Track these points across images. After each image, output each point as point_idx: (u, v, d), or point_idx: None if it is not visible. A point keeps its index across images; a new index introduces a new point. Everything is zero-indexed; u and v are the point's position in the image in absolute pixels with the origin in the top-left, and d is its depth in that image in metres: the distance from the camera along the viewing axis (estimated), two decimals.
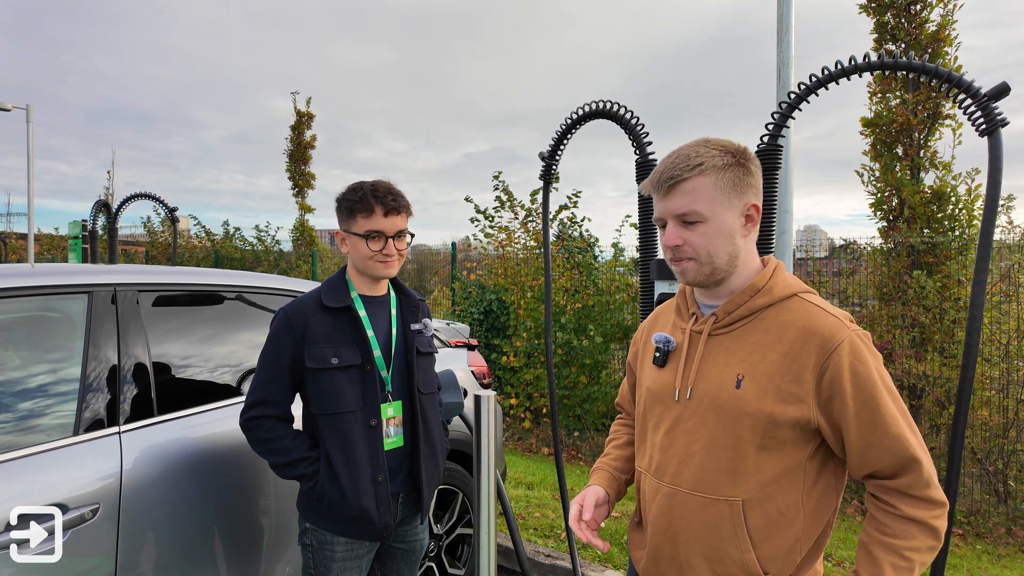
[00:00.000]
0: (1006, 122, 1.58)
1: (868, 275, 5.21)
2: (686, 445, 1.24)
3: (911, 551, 1.12)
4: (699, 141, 1.23)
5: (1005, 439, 4.46)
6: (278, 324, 1.83)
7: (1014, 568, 3.73)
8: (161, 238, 13.45)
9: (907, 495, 1.14)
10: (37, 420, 1.72)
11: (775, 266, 1.26)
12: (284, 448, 1.78)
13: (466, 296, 7.55)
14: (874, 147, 4.99)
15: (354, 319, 1.85)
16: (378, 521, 1.80)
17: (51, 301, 1.87)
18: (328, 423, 1.79)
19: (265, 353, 1.82)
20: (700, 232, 1.19)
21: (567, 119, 2.48)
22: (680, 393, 1.26)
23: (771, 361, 1.17)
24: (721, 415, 1.20)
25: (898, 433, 1.12)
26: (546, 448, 6.15)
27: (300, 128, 12.86)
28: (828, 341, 1.14)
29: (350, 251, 1.87)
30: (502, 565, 3.46)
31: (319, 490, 1.79)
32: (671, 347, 1.31)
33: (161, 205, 5.45)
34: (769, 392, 1.16)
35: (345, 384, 1.79)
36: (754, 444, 1.17)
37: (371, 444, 1.81)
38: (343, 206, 1.86)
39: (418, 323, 1.97)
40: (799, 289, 1.23)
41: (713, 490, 1.20)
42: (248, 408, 1.80)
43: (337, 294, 1.86)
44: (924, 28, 4.75)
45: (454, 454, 2.87)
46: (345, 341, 1.82)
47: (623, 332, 6.17)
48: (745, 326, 1.22)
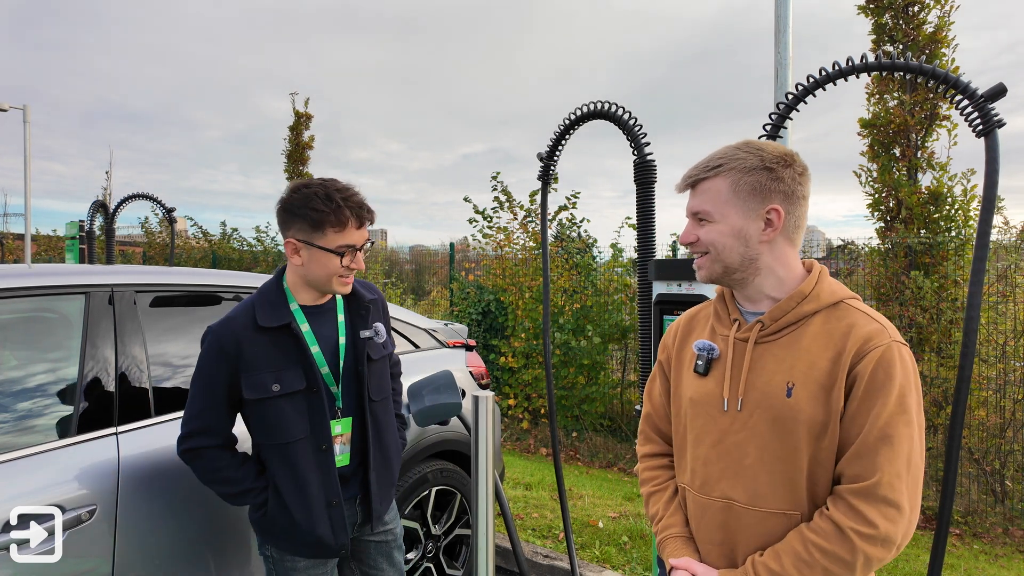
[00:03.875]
0: (1002, 123, 1.58)
1: (866, 275, 5.22)
2: (738, 458, 1.20)
3: (816, 549, 1.08)
4: (738, 143, 1.24)
5: (1002, 439, 4.47)
6: (208, 348, 1.65)
7: (1011, 568, 3.73)
8: (158, 239, 13.41)
9: (843, 499, 1.09)
10: (34, 420, 1.72)
11: (820, 271, 1.24)
12: (229, 479, 1.66)
13: (464, 296, 7.55)
14: (871, 148, 5.00)
15: (295, 337, 1.66)
16: (335, 543, 1.71)
17: (48, 302, 1.87)
18: (274, 452, 1.67)
19: (198, 378, 1.65)
20: (708, 230, 1.22)
21: (565, 120, 2.48)
22: (729, 403, 1.22)
23: (821, 369, 1.14)
24: (775, 426, 1.16)
25: (887, 434, 1.07)
26: (544, 449, 6.15)
27: (298, 129, 12.84)
28: (867, 342, 1.12)
29: (307, 264, 1.66)
30: (500, 566, 3.46)
31: (269, 518, 1.70)
32: (715, 355, 1.27)
33: (158, 206, 5.43)
34: (820, 400, 1.12)
35: (290, 412, 1.64)
36: (808, 454, 1.14)
37: (323, 468, 1.68)
38: (304, 216, 1.62)
39: (368, 329, 1.80)
40: (845, 295, 1.21)
41: (769, 503, 1.16)
42: (184, 438, 1.65)
43: (274, 310, 1.66)
44: (922, 29, 4.76)
45: (452, 455, 2.87)
46: (287, 363, 1.64)
47: (621, 332, 6.18)
48: (793, 333, 1.19)
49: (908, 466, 1.08)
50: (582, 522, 3.93)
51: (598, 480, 5.17)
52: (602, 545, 3.60)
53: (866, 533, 1.06)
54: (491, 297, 7.09)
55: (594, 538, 3.68)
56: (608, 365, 6.43)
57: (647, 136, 2.32)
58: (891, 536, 1.06)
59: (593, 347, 6.03)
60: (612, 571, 3.30)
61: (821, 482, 1.15)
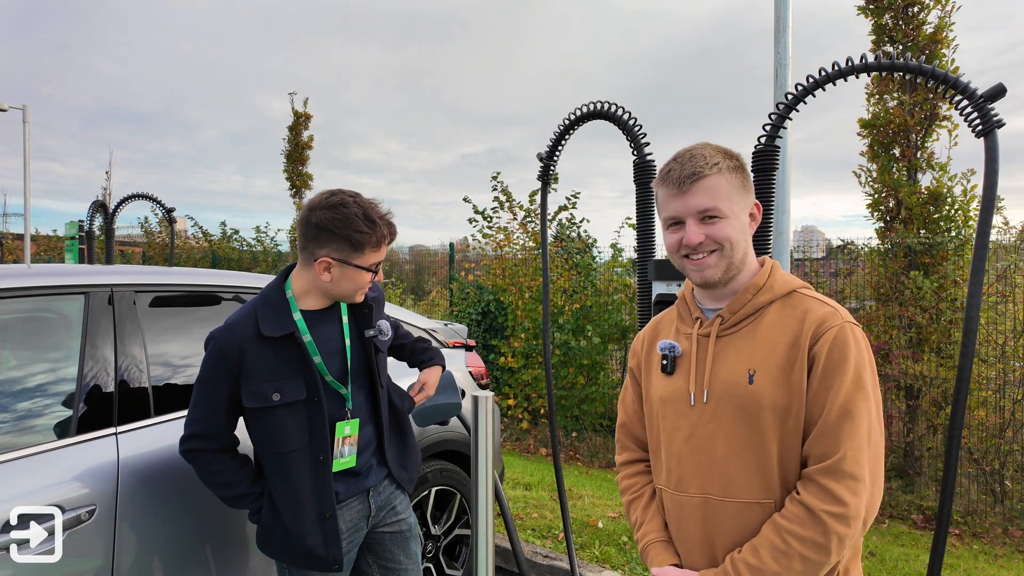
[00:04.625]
0: (1002, 123, 1.58)
1: (865, 276, 5.22)
2: (710, 451, 1.22)
3: (791, 536, 1.10)
4: (703, 143, 1.28)
5: (1001, 439, 4.47)
6: (211, 356, 1.65)
7: (1011, 568, 3.73)
8: (158, 239, 13.41)
9: (813, 481, 1.11)
10: (34, 420, 1.72)
11: (772, 265, 1.30)
12: (226, 481, 1.70)
13: (464, 297, 7.54)
14: (871, 148, 5.00)
15: (298, 347, 1.66)
16: (325, 556, 1.70)
17: (48, 302, 1.87)
18: (271, 461, 1.68)
19: (200, 384, 1.67)
20: (721, 226, 1.22)
21: (565, 120, 2.48)
22: (696, 397, 1.25)
23: (780, 353, 1.18)
24: (739, 413, 1.19)
25: (847, 410, 1.11)
26: (544, 449, 6.15)
27: (297, 129, 12.83)
28: (822, 324, 1.17)
29: (336, 280, 1.66)
30: (500, 566, 3.46)
31: (264, 525, 1.72)
32: (677, 352, 1.31)
33: (158, 206, 5.43)
34: (781, 384, 1.16)
35: (289, 421, 1.65)
36: (776, 440, 1.16)
37: (318, 480, 1.69)
38: (345, 237, 1.61)
39: (372, 328, 1.82)
40: (797, 285, 1.26)
41: (743, 493, 1.18)
42: (186, 439, 1.68)
43: (277, 319, 1.65)
44: (922, 30, 4.76)
45: (452, 455, 2.87)
46: (288, 373, 1.65)
47: (621, 333, 6.18)
48: (751, 323, 1.24)
49: (868, 440, 1.11)
50: (582, 522, 3.93)
51: (598, 480, 5.17)
52: (602, 545, 3.60)
53: (836, 512, 1.08)
54: (491, 297, 7.09)
55: (594, 538, 3.69)
56: (608, 365, 6.43)
57: (647, 136, 2.32)
58: (857, 510, 1.08)
59: (593, 347, 6.03)
60: (612, 571, 3.30)
61: (791, 467, 1.17)
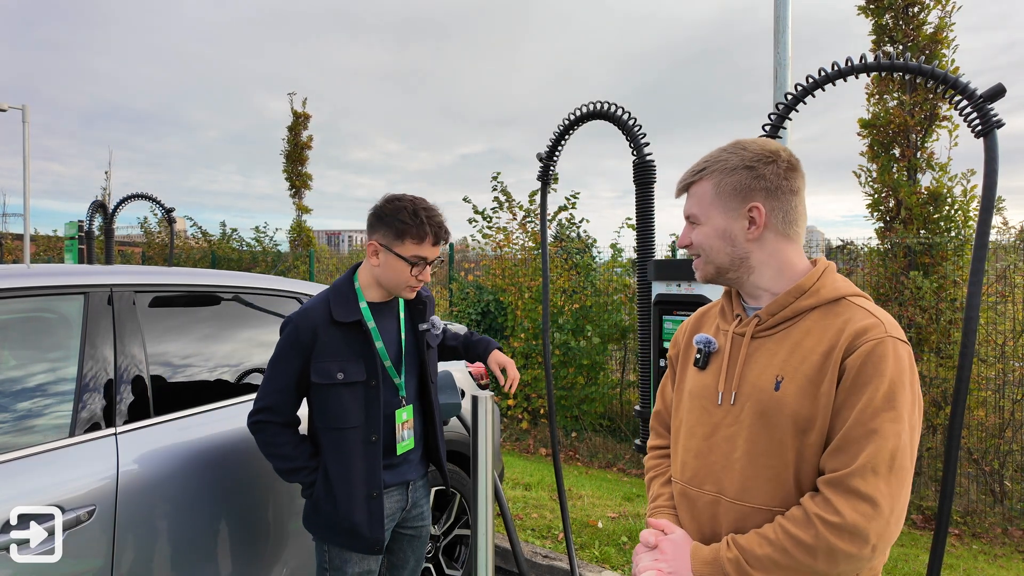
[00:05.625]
0: (1001, 123, 1.58)
1: (865, 276, 5.22)
2: (728, 451, 1.19)
3: (783, 532, 1.08)
4: (726, 144, 1.25)
5: (1001, 439, 4.47)
6: (287, 336, 1.83)
7: (1010, 568, 3.74)
8: (158, 239, 13.42)
9: (817, 490, 1.08)
10: (33, 421, 1.72)
11: (825, 267, 1.22)
12: (286, 455, 1.83)
13: (464, 297, 7.54)
14: (871, 148, 5.00)
15: (364, 332, 1.85)
16: (369, 535, 1.83)
17: (47, 302, 1.87)
18: (329, 437, 1.83)
19: (274, 362, 1.84)
20: (697, 232, 1.26)
21: (565, 120, 2.48)
22: (723, 397, 1.22)
23: (811, 363, 1.12)
24: (761, 419, 1.15)
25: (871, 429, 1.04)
26: (544, 449, 6.15)
27: (297, 129, 12.84)
28: (860, 336, 1.09)
29: (382, 267, 1.85)
30: (500, 566, 3.46)
31: (315, 500, 1.84)
32: (712, 348, 1.28)
33: (158, 206, 5.43)
34: (808, 394, 1.11)
35: (349, 400, 1.81)
36: (793, 451, 1.12)
37: (369, 459, 1.83)
38: (391, 225, 1.82)
39: (426, 323, 2.02)
40: (848, 292, 1.18)
41: (755, 498, 1.16)
42: (255, 412, 1.84)
43: (347, 306, 1.85)
44: (922, 30, 4.76)
45: (452, 455, 2.86)
46: (352, 356, 1.83)
47: (621, 333, 6.18)
48: (789, 328, 1.18)
49: (891, 464, 1.04)
50: (581, 522, 3.93)
51: (597, 480, 5.17)
52: (601, 545, 3.60)
53: (830, 521, 1.03)
54: (490, 297, 7.09)
55: (593, 538, 3.69)
56: (607, 365, 6.43)
57: (646, 136, 2.32)
58: (860, 529, 1.02)
59: (592, 347, 6.03)
60: (611, 571, 3.30)
61: (807, 480, 1.13)
